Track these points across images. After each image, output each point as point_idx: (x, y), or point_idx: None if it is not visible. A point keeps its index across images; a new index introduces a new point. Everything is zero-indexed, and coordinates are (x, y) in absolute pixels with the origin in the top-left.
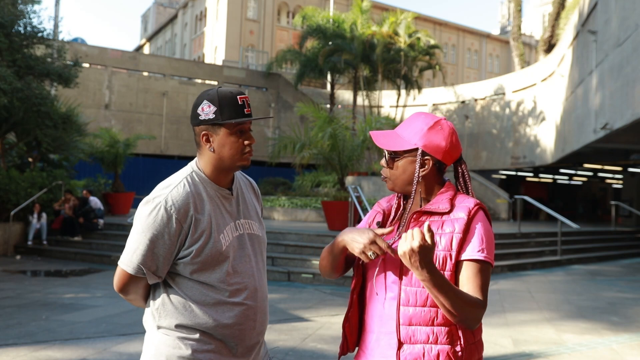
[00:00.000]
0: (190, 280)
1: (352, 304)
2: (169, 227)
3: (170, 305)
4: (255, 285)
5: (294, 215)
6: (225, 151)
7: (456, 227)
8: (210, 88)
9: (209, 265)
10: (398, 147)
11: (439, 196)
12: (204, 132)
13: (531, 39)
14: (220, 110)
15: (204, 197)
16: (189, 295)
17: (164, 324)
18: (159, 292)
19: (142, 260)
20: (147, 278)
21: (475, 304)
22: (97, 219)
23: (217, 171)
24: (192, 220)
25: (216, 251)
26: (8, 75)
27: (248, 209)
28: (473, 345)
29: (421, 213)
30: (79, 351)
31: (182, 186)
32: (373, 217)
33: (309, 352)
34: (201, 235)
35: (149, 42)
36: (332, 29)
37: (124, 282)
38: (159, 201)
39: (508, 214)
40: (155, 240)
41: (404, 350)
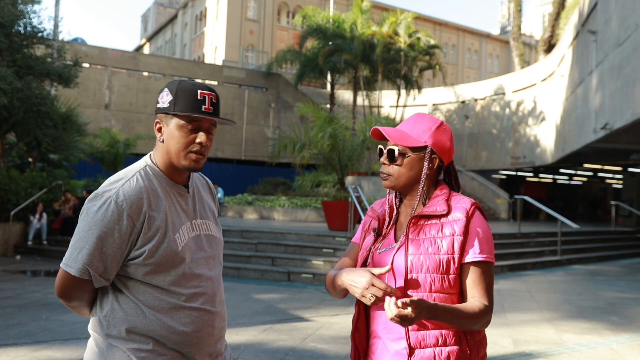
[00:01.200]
0: (143, 283)
1: (360, 314)
2: (119, 224)
3: (120, 311)
4: (213, 289)
5: (294, 215)
6: (172, 144)
7: (456, 230)
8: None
9: (163, 267)
10: (410, 143)
11: (435, 198)
12: (157, 120)
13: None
14: (175, 101)
15: (158, 193)
16: (142, 300)
17: (113, 332)
18: (107, 297)
19: (88, 261)
20: (93, 281)
21: (484, 313)
22: None
23: (168, 166)
24: (145, 217)
25: (171, 252)
26: (8, 75)
27: (205, 208)
28: (479, 342)
29: (419, 217)
30: (79, 351)
31: (134, 180)
32: (368, 224)
33: (309, 352)
34: (155, 234)
35: (149, 42)
36: (332, 29)
37: (67, 286)
38: (108, 196)
39: (508, 214)
40: (104, 238)
41: (416, 355)
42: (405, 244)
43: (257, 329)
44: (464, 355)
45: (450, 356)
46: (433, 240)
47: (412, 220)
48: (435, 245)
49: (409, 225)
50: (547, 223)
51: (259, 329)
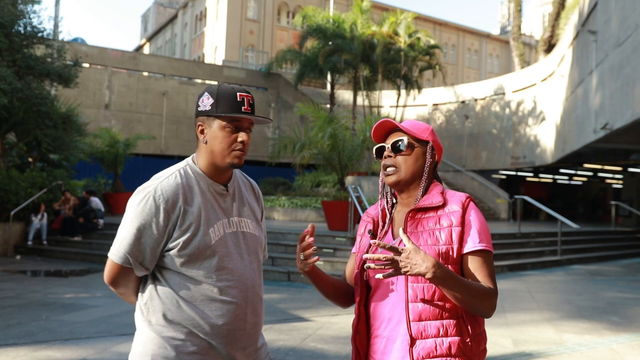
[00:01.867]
0: (179, 274)
1: (360, 316)
2: (156, 217)
3: (158, 299)
4: (246, 284)
5: (294, 215)
6: (216, 144)
7: (453, 221)
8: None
9: (196, 259)
10: (417, 135)
11: (430, 192)
12: (199, 123)
13: (531, 39)
14: (217, 103)
15: (195, 190)
16: (177, 290)
17: (152, 319)
18: (147, 286)
19: (129, 250)
20: (134, 269)
21: (489, 294)
22: (97, 219)
23: (210, 166)
24: (180, 211)
25: (204, 244)
26: (8, 75)
27: (245, 208)
28: (479, 335)
29: (416, 210)
30: (79, 351)
31: (173, 177)
32: (364, 228)
33: (309, 352)
34: (189, 227)
35: (149, 42)
36: (332, 29)
37: (113, 274)
38: (148, 191)
39: (508, 214)
40: (143, 229)
41: (417, 346)
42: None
43: None
44: (465, 347)
45: (451, 347)
46: (431, 232)
47: (409, 213)
48: (434, 237)
49: (407, 219)
50: (547, 223)
51: None
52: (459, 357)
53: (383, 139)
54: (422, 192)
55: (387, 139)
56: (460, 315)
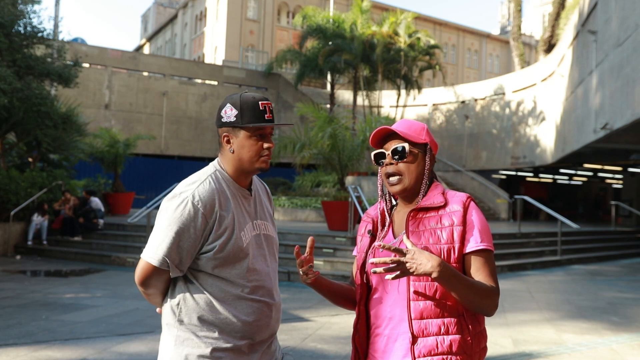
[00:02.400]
0: (211, 276)
1: (360, 316)
2: (195, 221)
3: (191, 300)
4: (271, 283)
5: (294, 215)
6: (244, 153)
7: (455, 220)
8: (236, 93)
9: (230, 261)
10: (418, 140)
11: (430, 192)
12: (225, 133)
13: (531, 39)
14: (241, 114)
15: (227, 195)
16: (210, 291)
17: (185, 319)
18: (179, 287)
19: (167, 253)
20: (171, 271)
21: (492, 292)
22: (97, 219)
23: (237, 172)
24: (217, 216)
25: (237, 248)
26: (8, 75)
27: (264, 210)
28: (480, 333)
29: (417, 210)
30: (79, 351)
31: (207, 183)
32: (364, 228)
33: (309, 352)
34: (224, 231)
35: (149, 42)
36: (332, 29)
37: (147, 275)
38: (185, 196)
39: (508, 214)
40: (182, 233)
41: (419, 344)
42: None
43: None
44: (466, 345)
45: (452, 345)
46: (433, 231)
47: (410, 213)
48: (435, 236)
49: (408, 218)
50: (547, 223)
51: None
52: (459, 355)
53: (381, 143)
54: (423, 193)
55: (385, 143)
56: (461, 313)
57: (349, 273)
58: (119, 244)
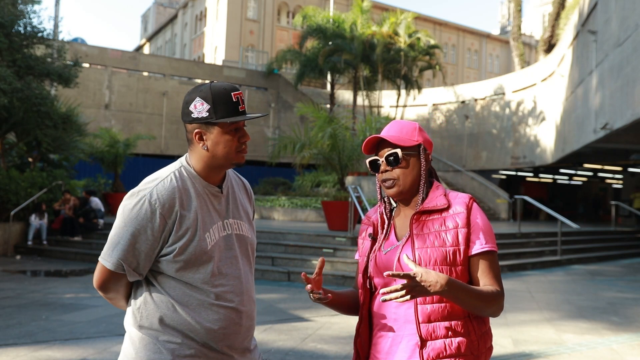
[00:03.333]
0: (174, 279)
1: (363, 319)
2: (152, 222)
3: (152, 304)
4: (241, 288)
5: (294, 215)
6: (220, 150)
7: (459, 222)
8: (203, 84)
9: (192, 265)
10: (409, 143)
11: (432, 194)
12: (196, 130)
13: (531, 39)
14: (214, 109)
15: (191, 193)
16: (172, 295)
17: (145, 323)
18: (140, 290)
19: (122, 256)
20: (127, 275)
21: (498, 297)
22: (97, 219)
23: (208, 168)
24: (177, 216)
25: (200, 250)
26: (8, 75)
27: (238, 209)
28: (485, 333)
29: (421, 213)
30: (79, 351)
31: (168, 180)
32: (365, 232)
33: (309, 352)
34: (185, 233)
35: (149, 42)
36: (332, 29)
37: (104, 279)
38: (143, 195)
39: (508, 214)
40: (138, 235)
41: (427, 347)
42: (410, 239)
43: (257, 329)
44: (472, 345)
45: (460, 346)
46: (437, 233)
47: (414, 216)
48: (440, 239)
49: (412, 222)
50: (547, 223)
51: (259, 329)
52: (467, 357)
53: (374, 150)
54: (423, 194)
55: (378, 150)
56: (467, 315)
57: (349, 273)
58: None
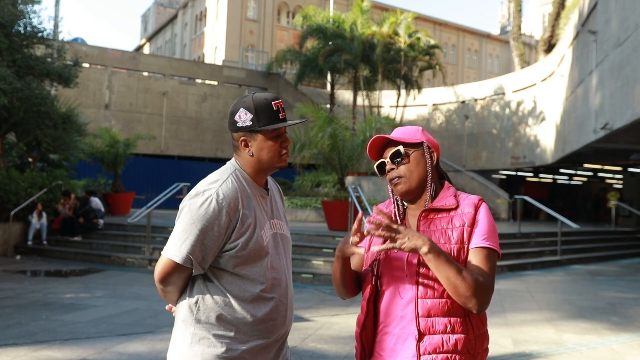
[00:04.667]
0: (231, 274)
1: (369, 313)
2: (219, 219)
3: (210, 299)
4: (287, 282)
5: (294, 215)
6: (264, 155)
7: (466, 221)
8: (246, 95)
9: (251, 259)
10: (411, 141)
11: (443, 194)
12: (242, 138)
13: (531, 39)
14: (257, 117)
15: (249, 194)
16: (229, 289)
17: (202, 317)
18: (198, 285)
19: (191, 250)
20: (193, 269)
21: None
22: (97, 219)
23: (255, 172)
24: (240, 214)
25: (259, 246)
26: (8, 75)
27: (279, 210)
28: (483, 334)
29: (429, 211)
30: (79, 351)
31: (230, 181)
32: None
33: (309, 352)
34: (247, 230)
35: (149, 42)
36: (332, 29)
37: (168, 272)
38: (210, 194)
39: (508, 214)
40: (206, 231)
41: (425, 341)
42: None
43: None
44: (470, 344)
45: (457, 343)
46: (444, 231)
47: (422, 213)
48: (446, 236)
49: (420, 219)
50: (547, 223)
51: None
52: (464, 354)
53: (380, 154)
54: (431, 191)
55: (384, 153)
56: (467, 313)
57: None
58: (119, 244)
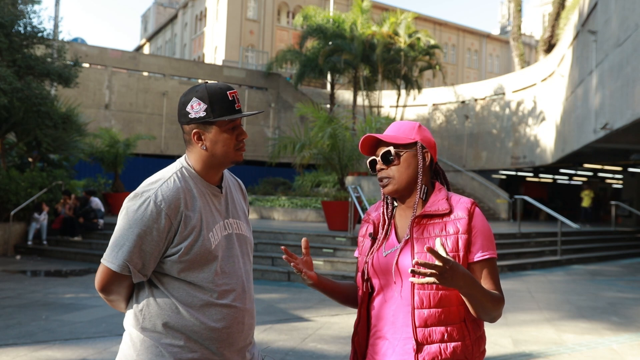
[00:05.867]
0: (177, 280)
1: (361, 318)
2: (158, 222)
3: (155, 306)
4: (243, 287)
5: (294, 215)
6: (218, 148)
7: (460, 228)
8: (198, 84)
9: (197, 264)
10: (402, 141)
11: (434, 197)
12: (194, 130)
13: (531, 39)
14: (211, 108)
15: (194, 193)
16: (176, 296)
17: (148, 325)
18: (143, 292)
19: (128, 257)
20: (132, 276)
21: (501, 301)
22: (97, 219)
23: (207, 168)
24: (182, 216)
25: (205, 250)
26: (8, 75)
27: (236, 208)
28: (480, 337)
29: (422, 217)
30: (79, 351)
31: (172, 181)
32: (365, 229)
33: (309, 352)
34: (190, 233)
35: (149, 42)
36: (332, 29)
37: (107, 281)
38: (148, 195)
39: (508, 214)
40: (144, 236)
41: (423, 351)
42: (410, 243)
43: (257, 329)
44: (467, 350)
45: (455, 351)
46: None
47: (415, 220)
48: None
49: (412, 225)
50: (547, 223)
51: (259, 329)
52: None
53: (373, 151)
54: (420, 194)
55: (376, 150)
56: (462, 319)
57: (349, 273)
58: None
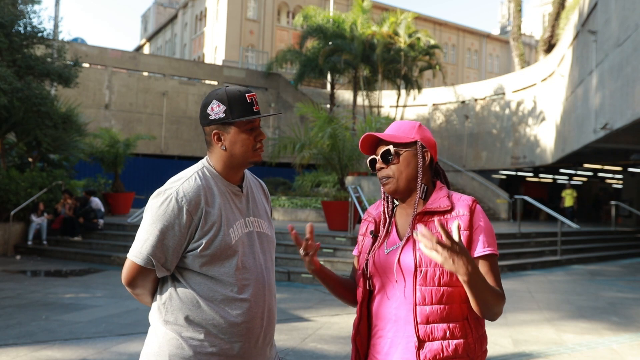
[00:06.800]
0: (199, 274)
1: (362, 317)
2: (179, 218)
3: (177, 300)
4: (263, 283)
5: (294, 215)
6: (237, 148)
7: (461, 225)
8: (218, 87)
9: (218, 259)
10: (402, 140)
11: (435, 195)
12: (214, 131)
13: (531, 39)
14: (230, 109)
15: (214, 191)
16: (197, 290)
17: (170, 319)
18: (166, 286)
19: (151, 252)
20: (156, 270)
21: (502, 298)
22: (97, 219)
23: (228, 168)
24: (202, 212)
25: (225, 244)
26: (8, 75)
27: (257, 207)
28: (482, 336)
29: (423, 214)
30: (79, 351)
31: (193, 179)
32: (366, 227)
33: (309, 352)
34: (211, 228)
35: (149, 42)
36: (332, 29)
37: (133, 275)
38: (170, 193)
39: (508, 214)
40: (166, 231)
41: (425, 348)
42: (412, 240)
43: None
44: (469, 348)
45: (457, 348)
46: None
47: (416, 217)
48: None
49: (414, 222)
50: (547, 223)
51: None
52: (463, 359)
53: (373, 150)
54: (420, 192)
55: (376, 149)
56: (465, 317)
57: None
58: (119, 244)
